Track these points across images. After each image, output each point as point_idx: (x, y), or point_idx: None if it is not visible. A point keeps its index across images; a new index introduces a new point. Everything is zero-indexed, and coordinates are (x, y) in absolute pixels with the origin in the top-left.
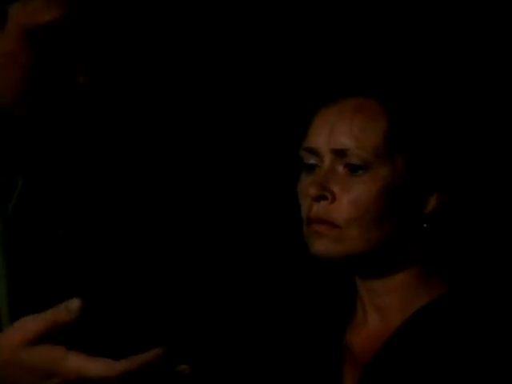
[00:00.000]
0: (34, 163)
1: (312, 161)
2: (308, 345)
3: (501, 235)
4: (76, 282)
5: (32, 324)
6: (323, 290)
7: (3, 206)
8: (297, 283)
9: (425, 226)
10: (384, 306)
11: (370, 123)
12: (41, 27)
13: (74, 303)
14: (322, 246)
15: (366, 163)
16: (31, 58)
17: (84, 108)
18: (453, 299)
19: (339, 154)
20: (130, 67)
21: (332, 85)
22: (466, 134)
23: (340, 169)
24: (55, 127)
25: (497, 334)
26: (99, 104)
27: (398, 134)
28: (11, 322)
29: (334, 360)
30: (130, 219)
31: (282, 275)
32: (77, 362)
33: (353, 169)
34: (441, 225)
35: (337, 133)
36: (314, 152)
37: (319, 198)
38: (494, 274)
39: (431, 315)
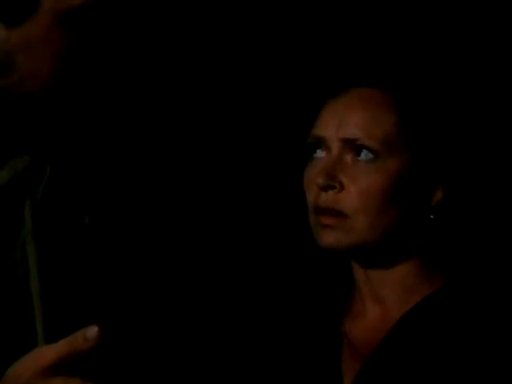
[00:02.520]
0: (62, 151)
1: (320, 150)
2: (306, 335)
3: (503, 230)
4: (101, 268)
5: (48, 353)
6: (320, 281)
7: (32, 192)
8: (293, 274)
9: (431, 217)
10: (384, 297)
11: (380, 114)
12: (72, 11)
13: (92, 330)
14: (331, 237)
15: (375, 153)
16: (63, 42)
17: (110, 92)
18: (454, 291)
19: (348, 143)
20: (134, 65)
21: (343, 75)
22: (473, 130)
23: (348, 158)
24: (83, 113)
25: (497, 325)
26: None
27: (407, 126)
28: (42, 306)
29: (333, 350)
30: (152, 210)
31: (279, 266)
32: None
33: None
34: (446, 218)
35: (346, 122)
36: (322, 141)
37: (327, 188)
38: (495, 268)
39: (433, 307)
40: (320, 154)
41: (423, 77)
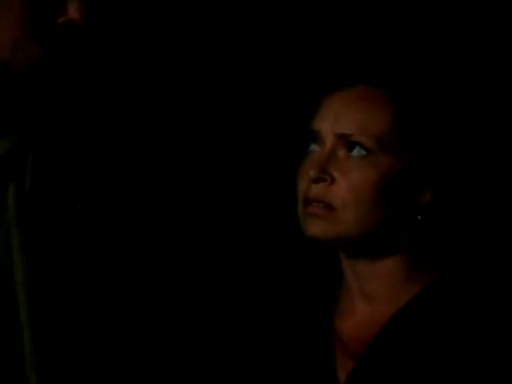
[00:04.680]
0: (49, 134)
1: (314, 144)
2: (297, 334)
3: (493, 230)
4: (94, 255)
5: None
6: (309, 278)
7: (16, 178)
8: (282, 271)
9: (419, 217)
10: (372, 293)
11: (376, 112)
12: None
13: None
14: (317, 228)
15: (368, 150)
16: (24, 2)
17: (99, 77)
18: (443, 288)
19: (342, 138)
20: (131, 66)
21: (341, 72)
22: (467, 134)
23: (341, 153)
24: (71, 97)
25: (487, 320)
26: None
27: (402, 125)
28: (27, 299)
29: (325, 348)
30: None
31: (268, 264)
32: None
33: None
34: (434, 218)
35: (342, 118)
36: (317, 135)
37: (318, 180)
38: (483, 265)
39: (424, 304)
40: (314, 147)
41: (420, 77)
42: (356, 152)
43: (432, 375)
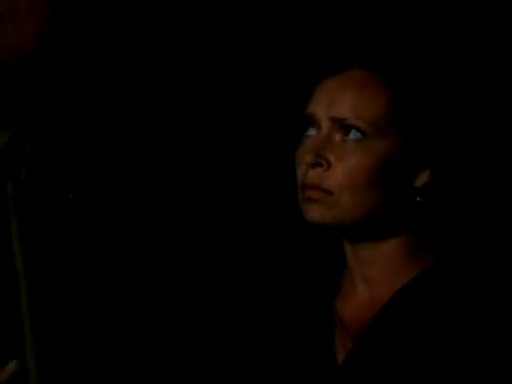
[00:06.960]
0: (45, 127)
1: (310, 128)
2: (299, 314)
3: (491, 211)
4: (85, 243)
5: None
6: (312, 260)
7: (15, 170)
8: (286, 253)
9: (418, 199)
10: (372, 277)
11: (370, 96)
12: None
13: (10, 366)
14: (316, 212)
15: (363, 134)
16: (47, 14)
17: (97, 72)
18: (442, 271)
19: (337, 122)
20: (130, 66)
21: (337, 55)
22: (462, 114)
23: (337, 137)
24: (67, 91)
25: (485, 303)
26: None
27: (397, 109)
28: (27, 283)
29: (325, 329)
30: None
31: (271, 246)
32: None
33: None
34: (432, 199)
35: (337, 102)
36: (312, 119)
37: (314, 165)
38: (483, 248)
39: (421, 286)
40: (311, 132)
41: (416, 60)
42: (352, 135)
43: (428, 356)
